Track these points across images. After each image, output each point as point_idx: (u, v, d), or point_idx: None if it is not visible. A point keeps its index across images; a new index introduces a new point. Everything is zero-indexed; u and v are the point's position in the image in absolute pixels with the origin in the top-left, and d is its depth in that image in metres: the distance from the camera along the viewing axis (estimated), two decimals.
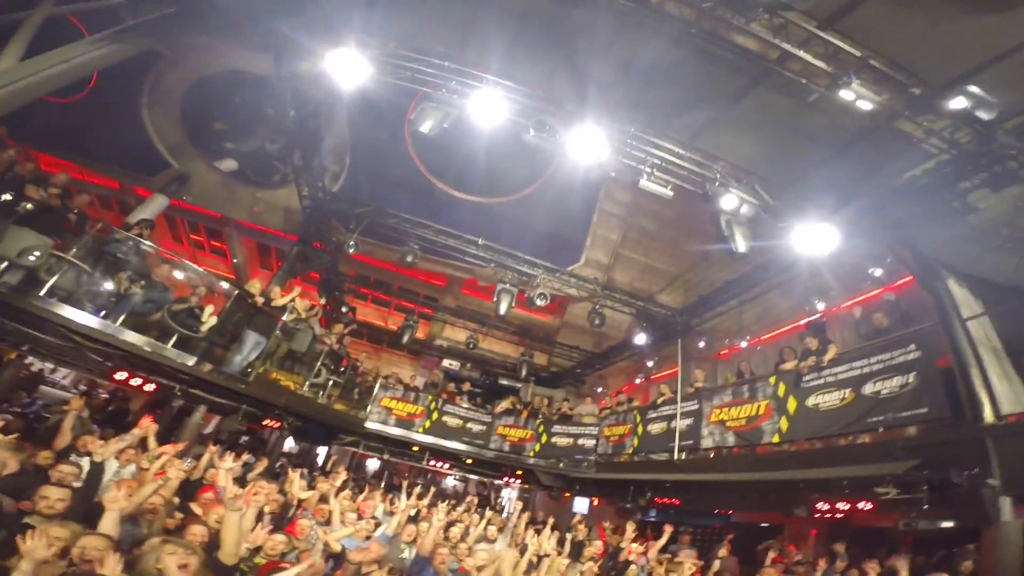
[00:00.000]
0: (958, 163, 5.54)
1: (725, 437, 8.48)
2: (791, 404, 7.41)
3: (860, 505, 6.08)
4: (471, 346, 15.63)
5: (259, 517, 4.75)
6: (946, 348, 5.81)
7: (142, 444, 6.26)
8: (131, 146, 10.51)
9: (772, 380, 7.92)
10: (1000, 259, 5.84)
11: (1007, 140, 5.10)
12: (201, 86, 9.44)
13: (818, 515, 6.63)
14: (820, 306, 8.50)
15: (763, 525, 10.25)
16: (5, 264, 6.06)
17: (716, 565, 7.29)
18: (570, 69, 6.38)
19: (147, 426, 6.40)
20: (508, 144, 7.39)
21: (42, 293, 6.41)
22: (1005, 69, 4.82)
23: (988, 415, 5.24)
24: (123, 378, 7.92)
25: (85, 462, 5.36)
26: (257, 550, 4.27)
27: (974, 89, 4.70)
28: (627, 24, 5.47)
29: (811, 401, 7.12)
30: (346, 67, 6.23)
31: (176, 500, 5.08)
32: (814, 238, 6.44)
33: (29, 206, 6.46)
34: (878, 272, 7.88)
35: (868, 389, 6.41)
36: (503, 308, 11.14)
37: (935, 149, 5.66)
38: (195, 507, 5.07)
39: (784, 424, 7.42)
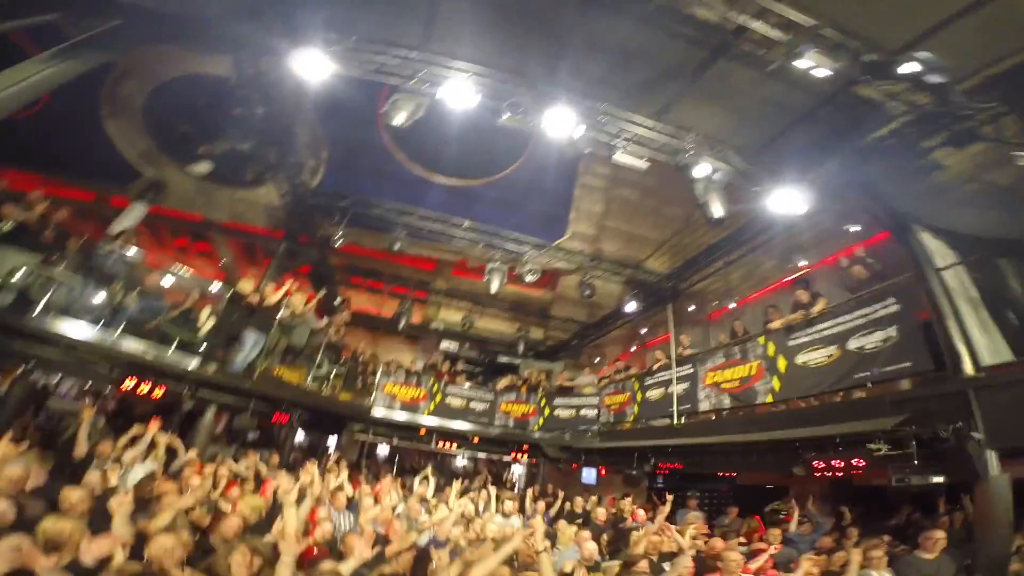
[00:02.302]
0: (920, 124, 5.59)
1: (721, 399, 8.68)
2: (781, 363, 7.57)
3: (854, 462, 6.24)
4: (467, 326, 15.79)
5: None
6: (924, 301, 5.90)
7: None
8: (99, 157, 10.30)
9: (761, 340, 8.08)
10: (972, 213, 5.91)
11: (960, 101, 5.16)
12: (161, 92, 9.19)
13: (817, 474, 6.80)
14: (803, 263, 8.63)
15: (768, 487, 10.59)
16: None
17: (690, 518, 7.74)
18: (539, 52, 6.32)
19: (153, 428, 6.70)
20: (485, 126, 7.35)
21: (37, 311, 6.51)
22: (954, 33, 4.82)
23: (968, 367, 5.31)
24: (131, 386, 8.04)
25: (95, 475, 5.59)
26: None
27: (923, 54, 4.74)
28: (590, 4, 5.44)
29: (800, 359, 7.27)
30: (311, 65, 6.16)
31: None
32: (789, 200, 6.55)
33: (8, 226, 6.49)
34: (855, 228, 7.99)
35: (853, 345, 6.54)
36: (495, 286, 11.24)
37: (896, 111, 5.70)
38: (223, 503, 5.35)
39: (776, 383, 7.59)
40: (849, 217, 7.75)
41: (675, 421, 9.54)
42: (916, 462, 5.29)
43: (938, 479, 5.46)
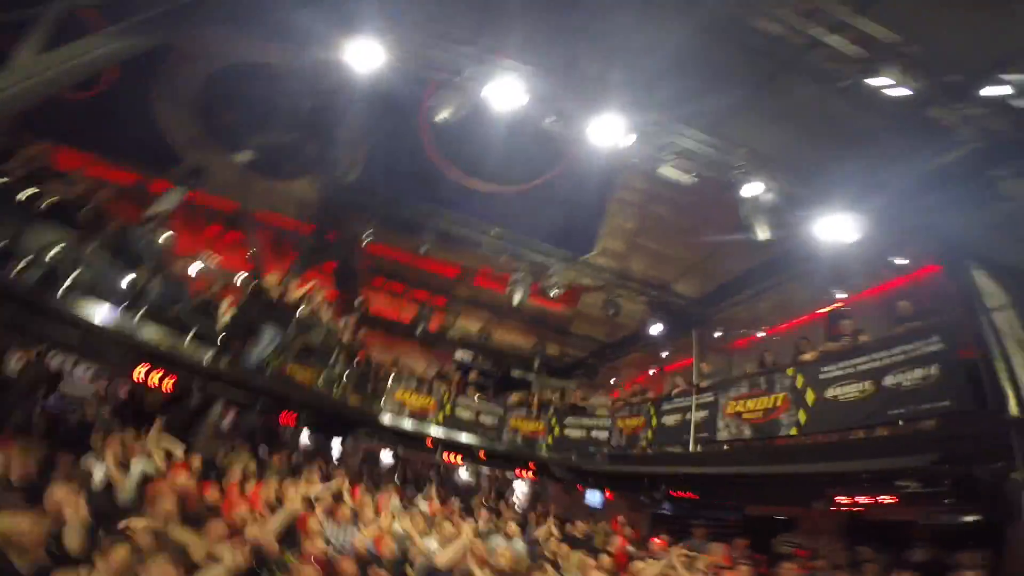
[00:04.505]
0: (990, 152, 5.40)
1: (742, 429, 8.42)
2: (809, 396, 7.34)
3: (881, 498, 6.02)
4: (484, 337, 15.64)
5: None
6: (969, 339, 5.71)
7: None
8: (147, 140, 10.54)
9: (790, 371, 7.85)
10: None
11: None
12: (215, 78, 9.44)
13: (836, 508, 6.57)
14: (840, 295, 8.39)
15: (778, 518, 10.23)
16: (25, 261, 6.10)
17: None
18: (592, 54, 6.28)
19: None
20: (525, 132, 7.33)
21: (62, 289, 6.45)
22: None
23: (1013, 408, 5.12)
24: (142, 374, 7.98)
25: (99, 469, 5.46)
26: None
27: (1015, 76, 4.60)
28: (652, 7, 5.37)
29: (830, 392, 7.03)
30: (363, 56, 6.19)
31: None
32: (838, 227, 6.36)
33: (49, 201, 6.56)
34: (900, 261, 7.77)
35: (889, 381, 6.32)
36: (518, 298, 11.11)
37: (967, 136, 5.50)
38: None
39: (802, 416, 7.35)
40: (895, 249, 7.53)
41: (691, 448, 9.27)
42: (948, 501, 5.10)
43: (971, 518, 5.25)
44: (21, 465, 4.43)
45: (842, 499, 6.45)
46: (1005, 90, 4.62)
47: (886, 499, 6.01)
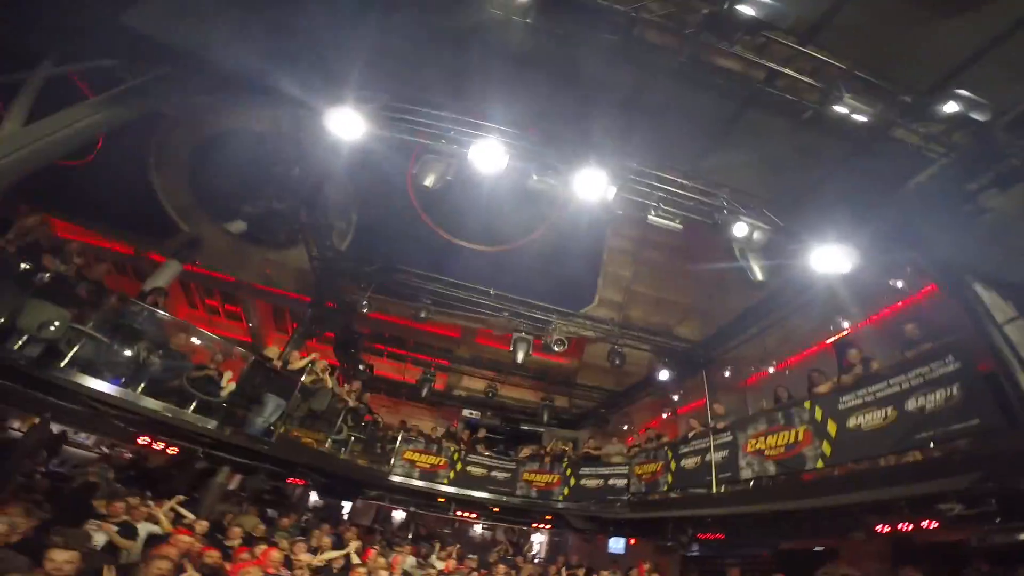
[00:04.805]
0: (960, 166, 5.45)
1: (765, 466, 8.11)
2: (831, 427, 7.10)
3: (924, 524, 5.72)
4: (490, 395, 15.44)
5: None
6: (984, 355, 5.53)
7: None
8: (142, 209, 10.69)
9: (807, 405, 7.63)
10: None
11: (1005, 138, 5.03)
12: (206, 146, 9.66)
13: (878, 536, 6.24)
14: (844, 324, 8.27)
15: (816, 549, 9.70)
16: (25, 337, 6.11)
17: None
18: (569, 111, 6.43)
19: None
20: (512, 190, 7.41)
21: (63, 364, 6.46)
22: (987, 68, 4.80)
23: None
24: (146, 442, 7.89)
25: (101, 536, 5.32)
26: None
27: (963, 92, 4.69)
28: (617, 59, 5.53)
29: (852, 422, 6.80)
30: (345, 125, 6.29)
31: None
32: (832, 257, 6.31)
33: (47, 277, 6.58)
34: (899, 284, 7.70)
35: (911, 405, 6.10)
36: (520, 357, 11.02)
37: (934, 154, 5.59)
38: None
39: (827, 448, 7.07)
40: (893, 272, 7.47)
41: (715, 489, 8.90)
42: (999, 520, 4.81)
43: None
44: (22, 528, 4.28)
45: (882, 529, 6.08)
46: (958, 105, 4.70)
47: (931, 524, 5.66)
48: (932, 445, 5.80)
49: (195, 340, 8.99)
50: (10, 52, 5.85)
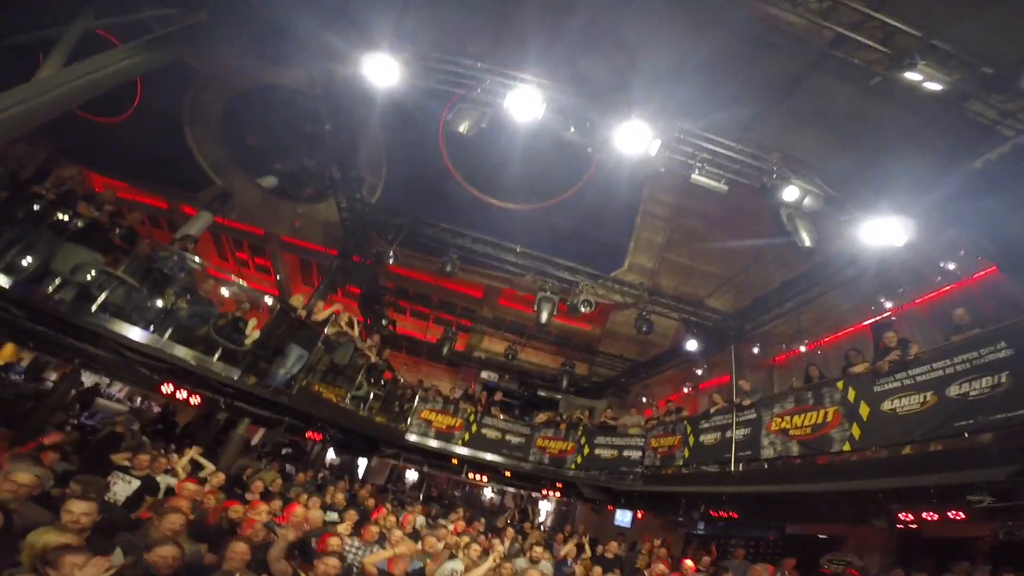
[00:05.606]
0: None
1: (788, 447, 7.91)
2: (863, 410, 6.85)
3: (950, 515, 5.54)
4: (510, 357, 15.40)
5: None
6: None
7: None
8: (176, 164, 10.82)
9: (840, 385, 7.38)
10: None
11: None
12: (237, 102, 9.65)
13: (900, 526, 6.09)
14: (887, 305, 7.92)
15: (822, 536, 9.63)
16: (59, 281, 6.21)
17: None
18: (613, 63, 6.10)
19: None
20: (545, 146, 7.15)
21: (94, 309, 6.52)
22: None
23: None
24: (170, 391, 8.02)
25: (120, 486, 5.43)
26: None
27: None
28: (676, 13, 5.19)
29: (887, 406, 6.54)
30: (380, 71, 6.11)
31: None
32: (886, 231, 5.95)
33: (81, 223, 6.65)
34: (951, 266, 7.30)
35: (953, 391, 5.82)
36: (544, 317, 10.84)
37: (1010, 131, 5.19)
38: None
39: (856, 431, 6.85)
40: (944, 252, 7.08)
41: (732, 468, 8.78)
42: None
43: None
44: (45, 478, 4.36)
45: (906, 516, 5.92)
46: None
47: (957, 515, 5.49)
48: (967, 435, 5.54)
49: (223, 288, 9.05)
50: (52, 4, 6.01)
